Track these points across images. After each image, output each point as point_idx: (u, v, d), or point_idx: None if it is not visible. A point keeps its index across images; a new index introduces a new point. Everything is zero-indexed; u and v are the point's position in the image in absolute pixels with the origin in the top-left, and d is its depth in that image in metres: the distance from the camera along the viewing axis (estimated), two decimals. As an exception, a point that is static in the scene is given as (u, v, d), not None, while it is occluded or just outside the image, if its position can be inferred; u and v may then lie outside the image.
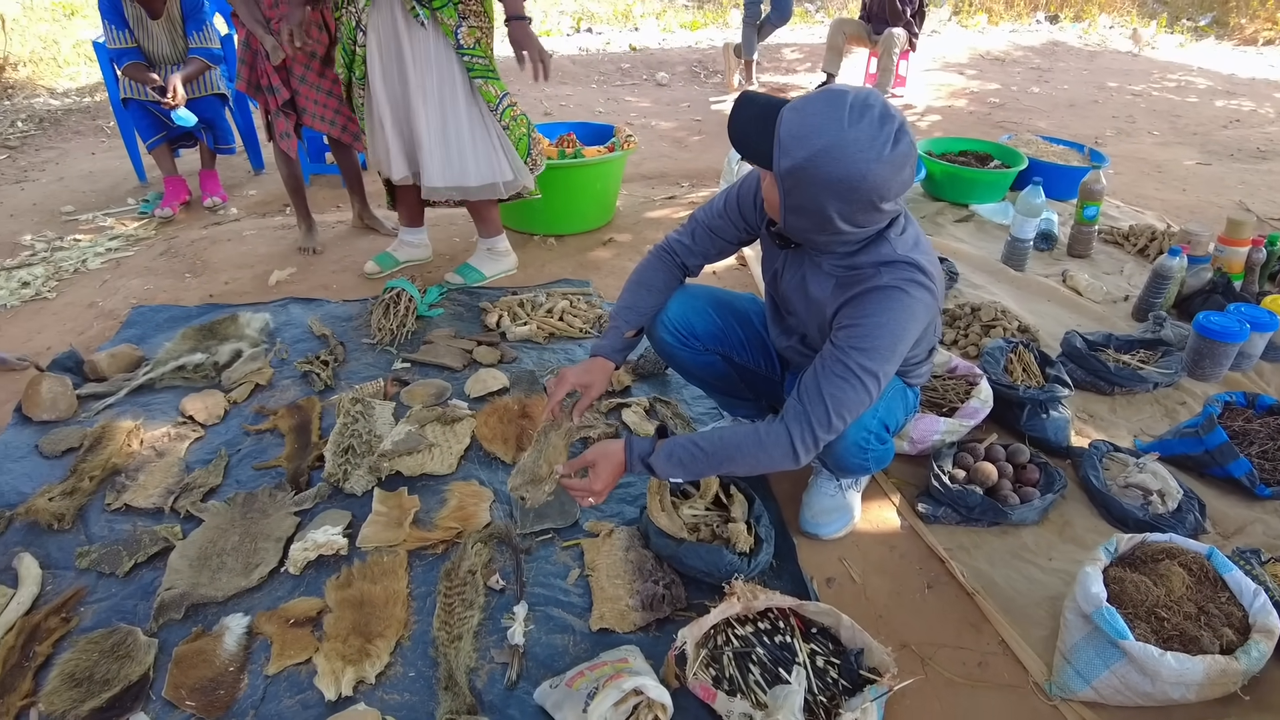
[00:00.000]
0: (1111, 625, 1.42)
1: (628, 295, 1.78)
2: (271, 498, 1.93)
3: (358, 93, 2.64)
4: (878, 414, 1.61)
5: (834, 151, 1.28)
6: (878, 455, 1.68)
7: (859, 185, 1.30)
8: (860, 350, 1.38)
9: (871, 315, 1.39)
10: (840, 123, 1.27)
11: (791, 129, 1.31)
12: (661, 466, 1.51)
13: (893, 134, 1.29)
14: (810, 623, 1.56)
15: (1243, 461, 1.91)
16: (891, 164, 1.29)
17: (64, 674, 1.49)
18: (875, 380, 1.39)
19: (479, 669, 1.53)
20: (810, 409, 1.41)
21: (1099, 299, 2.90)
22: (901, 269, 1.40)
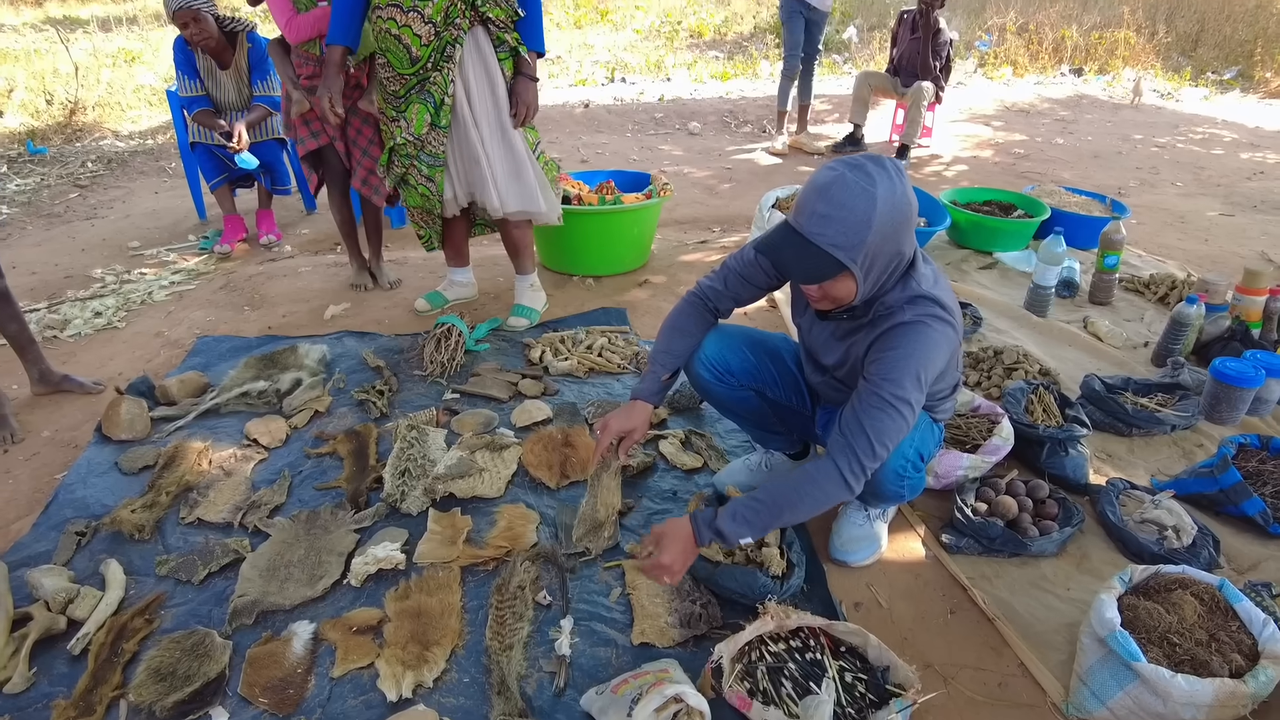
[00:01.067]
0: (1125, 648, 1.50)
1: (664, 340, 1.88)
2: (333, 515, 2.07)
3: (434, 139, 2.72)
4: (914, 443, 1.73)
5: (885, 212, 1.44)
6: (913, 483, 1.79)
7: (910, 213, 1.50)
8: (892, 381, 1.51)
9: (899, 348, 1.53)
10: (866, 194, 1.42)
11: (841, 231, 1.44)
12: (729, 528, 1.57)
13: (893, 165, 1.48)
14: (839, 642, 1.66)
15: (1256, 500, 1.99)
16: (907, 182, 1.49)
17: (150, 669, 1.62)
18: (910, 407, 1.51)
19: (529, 676, 1.64)
20: (854, 441, 1.52)
21: (1119, 345, 2.99)
22: (923, 305, 1.54)
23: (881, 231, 1.45)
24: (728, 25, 11.99)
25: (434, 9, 2.51)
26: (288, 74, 3.03)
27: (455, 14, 2.53)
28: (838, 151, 6.01)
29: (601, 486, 1.81)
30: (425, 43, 2.55)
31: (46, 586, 1.79)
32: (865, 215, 1.43)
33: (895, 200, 1.45)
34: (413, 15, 2.52)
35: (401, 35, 2.55)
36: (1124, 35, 9.53)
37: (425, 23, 2.52)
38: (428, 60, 2.58)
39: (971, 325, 3.02)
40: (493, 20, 2.59)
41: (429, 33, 2.54)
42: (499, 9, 2.58)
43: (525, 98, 2.72)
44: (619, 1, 12.82)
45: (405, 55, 2.58)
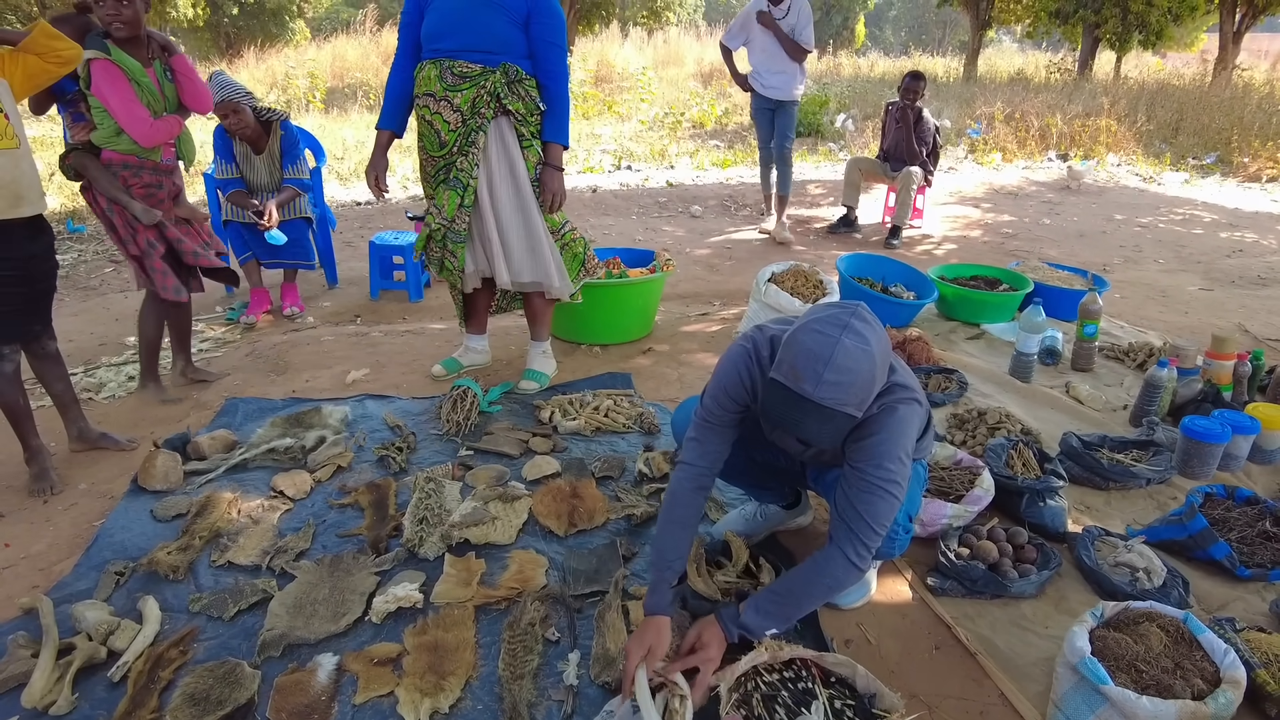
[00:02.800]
0: (1094, 673, 1.62)
1: (663, 537, 1.85)
2: (355, 559, 2.21)
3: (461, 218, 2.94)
4: (904, 509, 1.88)
5: (879, 364, 1.57)
6: (902, 543, 1.96)
7: (889, 353, 1.64)
8: (876, 466, 1.65)
9: (876, 434, 1.67)
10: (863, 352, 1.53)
11: (855, 394, 1.54)
12: (754, 622, 1.73)
13: (870, 314, 1.60)
14: (829, 672, 1.77)
15: (1222, 545, 2.12)
16: (879, 324, 1.62)
17: (185, 695, 1.74)
18: (898, 486, 1.66)
19: (538, 704, 1.75)
20: (854, 526, 1.67)
21: (1099, 408, 3.15)
22: (889, 394, 1.69)
23: (880, 379, 1.60)
24: (728, 116, 12.62)
25: (463, 99, 2.81)
26: (115, 185, 2.96)
27: (481, 104, 2.81)
28: (832, 232, 6.31)
29: (607, 626, 1.93)
30: (453, 128, 2.84)
31: (89, 619, 1.92)
32: (871, 374, 1.55)
33: (884, 348, 1.60)
34: (444, 104, 2.82)
35: (433, 121, 2.85)
36: (1105, 123, 10.00)
37: (454, 111, 2.82)
38: (454, 145, 2.86)
39: (957, 389, 3.19)
40: (513, 112, 2.86)
41: (457, 120, 2.83)
42: (520, 103, 2.85)
43: (551, 186, 2.97)
44: (625, 95, 13.51)
45: (436, 139, 2.88)
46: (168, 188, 3.11)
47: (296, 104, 12.26)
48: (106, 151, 2.95)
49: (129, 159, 2.98)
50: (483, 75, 2.80)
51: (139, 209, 2.99)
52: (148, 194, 3.04)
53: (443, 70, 2.82)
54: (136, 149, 2.96)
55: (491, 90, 2.80)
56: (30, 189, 2.47)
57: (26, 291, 2.57)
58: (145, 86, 2.89)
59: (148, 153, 3.00)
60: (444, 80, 2.82)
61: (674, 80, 15.55)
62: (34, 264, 2.57)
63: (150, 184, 3.05)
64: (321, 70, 14.75)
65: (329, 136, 9.82)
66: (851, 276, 4.10)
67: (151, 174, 3.04)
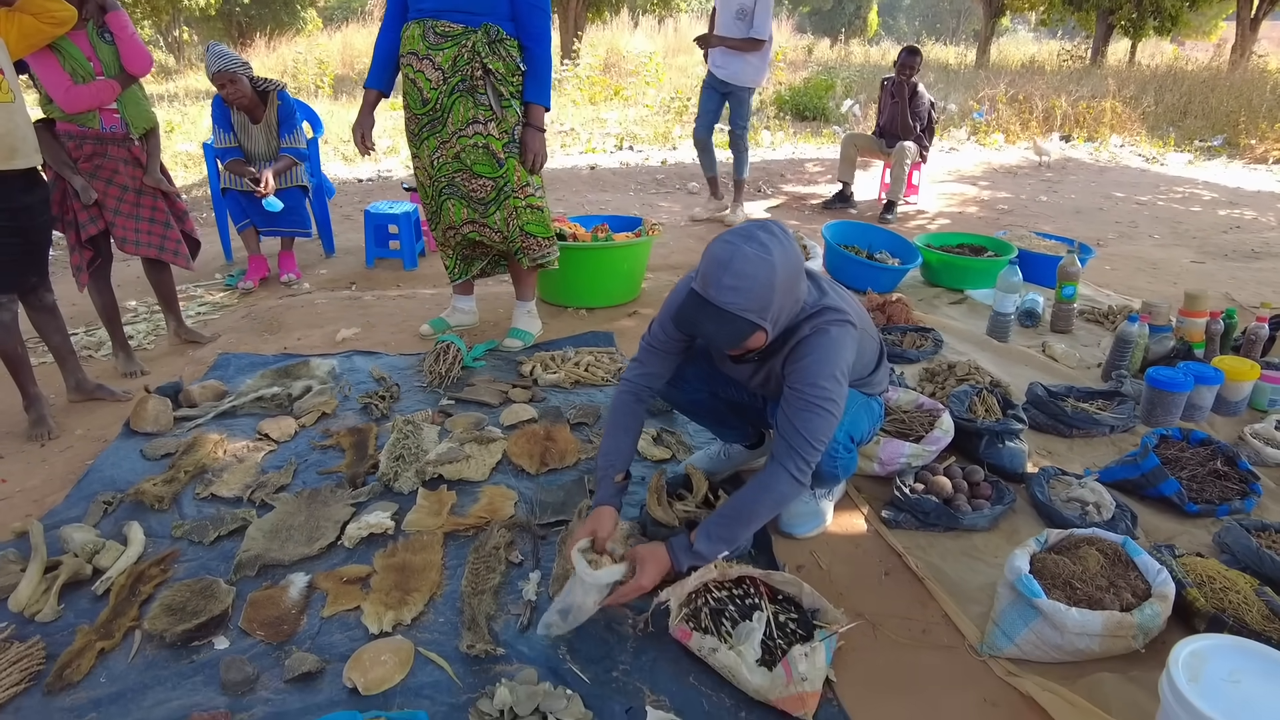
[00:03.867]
0: (1029, 588, 1.68)
1: (607, 442, 1.99)
2: (332, 492, 2.30)
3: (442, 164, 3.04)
4: (843, 427, 1.94)
5: (781, 276, 1.66)
6: (844, 463, 2.01)
7: (799, 269, 1.73)
8: (811, 385, 1.73)
9: (808, 356, 1.76)
10: (763, 261, 1.64)
11: (747, 299, 1.64)
12: (705, 547, 1.79)
13: (779, 229, 1.70)
14: (776, 590, 1.84)
15: (1172, 482, 2.17)
16: (793, 241, 1.72)
17: (163, 605, 1.83)
18: (833, 403, 1.74)
19: (497, 617, 1.83)
20: (793, 443, 1.75)
21: (1073, 365, 3.20)
22: (819, 317, 1.78)
23: (782, 289, 1.68)
24: (735, 100, 12.61)
25: (444, 58, 2.87)
26: (62, 159, 3.00)
27: (462, 63, 2.87)
28: (828, 208, 6.34)
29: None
30: (434, 86, 2.91)
31: (76, 540, 2.02)
32: (768, 282, 1.64)
33: (789, 260, 1.68)
34: (425, 63, 2.89)
35: (416, 80, 2.92)
36: (1110, 105, 9.95)
37: (435, 69, 2.89)
38: (435, 102, 2.93)
39: (933, 347, 3.25)
40: (494, 72, 2.91)
41: (439, 78, 2.90)
42: (500, 63, 2.90)
43: (533, 146, 3.02)
44: (631, 79, 13.53)
45: (419, 97, 2.95)
46: (119, 157, 3.12)
47: (306, 90, 12.37)
48: (60, 123, 3.02)
49: (70, 128, 3.02)
50: (464, 35, 2.85)
51: (79, 184, 3.02)
52: (93, 165, 3.07)
53: (425, 30, 2.88)
54: (76, 118, 3.00)
55: (473, 49, 2.85)
56: (24, 142, 2.56)
57: (21, 242, 2.66)
58: (67, 51, 2.90)
59: (86, 120, 3.02)
60: (426, 39, 2.88)
61: (684, 68, 15.54)
62: (28, 215, 2.66)
63: (94, 154, 3.07)
64: (331, 58, 14.87)
65: (337, 121, 9.92)
66: (837, 243, 4.15)
67: (94, 144, 3.06)
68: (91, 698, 1.61)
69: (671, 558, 1.81)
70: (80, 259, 3.17)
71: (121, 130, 3.12)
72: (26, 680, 1.64)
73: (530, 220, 3.12)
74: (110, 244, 3.25)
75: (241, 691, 1.63)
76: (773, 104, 11.72)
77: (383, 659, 1.67)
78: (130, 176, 3.17)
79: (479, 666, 1.69)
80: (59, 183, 3.07)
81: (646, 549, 1.83)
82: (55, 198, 3.08)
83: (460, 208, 3.08)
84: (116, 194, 3.15)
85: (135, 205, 3.20)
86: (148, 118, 3.23)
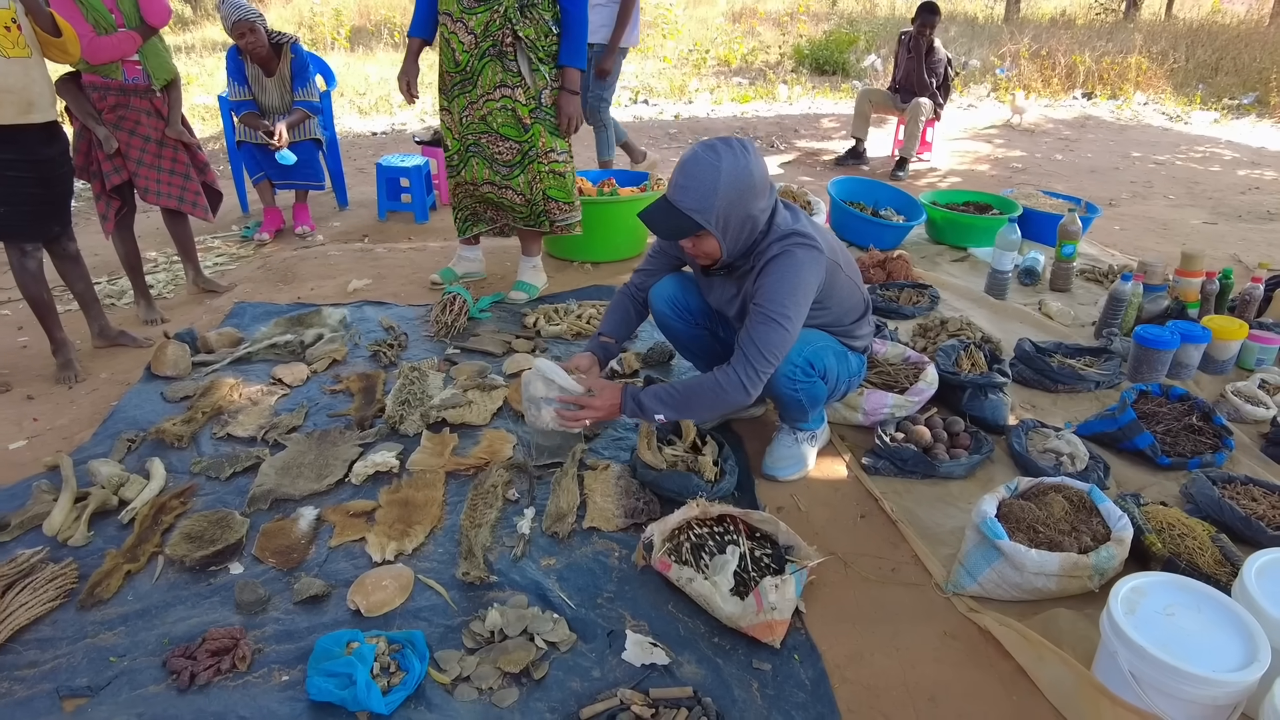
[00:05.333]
0: (992, 530, 1.77)
1: (604, 321, 2.35)
2: (341, 434, 2.42)
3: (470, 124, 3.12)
4: (803, 353, 2.02)
5: (729, 180, 1.81)
6: (807, 389, 2.07)
7: (753, 182, 1.84)
8: (770, 300, 1.87)
9: (771, 275, 1.89)
10: (714, 166, 1.81)
11: (694, 197, 1.84)
12: (648, 404, 1.99)
13: (740, 143, 1.84)
14: (754, 529, 1.94)
15: (1146, 435, 2.24)
16: (754, 156, 1.85)
17: (183, 533, 1.97)
18: (788, 320, 1.87)
19: (493, 548, 1.95)
20: (748, 353, 1.89)
21: (1068, 323, 3.25)
22: (787, 239, 1.90)
23: (728, 197, 1.82)
24: (754, 54, 12.44)
25: (476, 22, 2.92)
26: (86, 109, 3.11)
27: (494, 28, 2.91)
28: (840, 164, 6.33)
29: (562, 489, 2.13)
30: (467, 50, 2.96)
31: (103, 473, 2.16)
32: (712, 184, 1.80)
33: (738, 172, 1.81)
34: (459, 25, 2.94)
35: (450, 40, 2.99)
36: (1135, 60, 9.73)
37: (469, 33, 2.94)
38: (467, 65, 2.99)
39: (929, 303, 3.30)
40: (524, 38, 2.91)
41: (471, 42, 2.95)
42: (532, 29, 2.92)
43: (566, 110, 3.06)
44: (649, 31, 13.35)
45: (451, 58, 3.02)
46: (141, 108, 3.21)
47: (322, 42, 12.33)
48: (85, 75, 3.11)
49: (94, 80, 3.13)
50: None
51: (102, 134, 3.12)
52: (116, 116, 3.17)
53: None
54: (100, 69, 3.09)
55: (504, 14, 2.88)
56: (41, 97, 2.64)
57: (44, 193, 2.77)
58: (89, 3, 2.99)
59: (109, 71, 3.11)
60: (461, 2, 2.93)
61: (704, 19, 15.29)
62: (49, 166, 2.76)
63: (117, 105, 3.17)
64: (348, 8, 14.76)
65: (353, 73, 9.92)
66: (842, 200, 4.18)
67: (117, 95, 3.16)
68: (120, 613, 1.76)
69: (622, 399, 2.02)
70: (106, 207, 3.28)
71: (144, 81, 3.21)
72: (61, 597, 1.79)
73: (553, 185, 3.20)
74: (134, 194, 3.35)
75: (254, 611, 1.77)
76: (791, 58, 11.55)
77: (384, 584, 1.80)
78: (152, 128, 3.26)
79: (473, 592, 1.82)
80: (85, 133, 3.17)
81: (605, 383, 2.09)
82: (81, 148, 3.19)
83: (483, 167, 3.16)
84: (139, 145, 3.25)
85: (157, 156, 3.30)
86: (169, 69, 3.31)
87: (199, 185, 3.43)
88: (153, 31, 3.18)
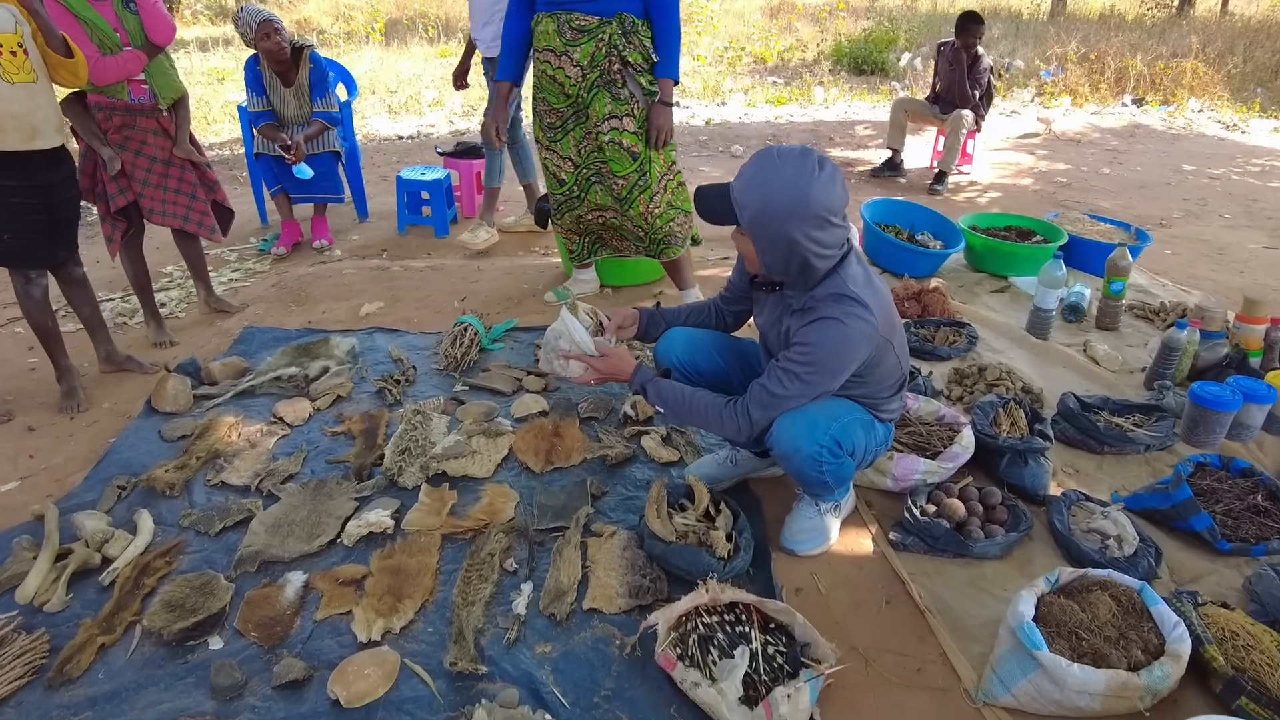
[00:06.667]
0: (1029, 638, 1.60)
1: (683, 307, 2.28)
2: (338, 485, 2.31)
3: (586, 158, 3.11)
4: (830, 430, 1.84)
5: (778, 188, 1.67)
6: (834, 470, 1.89)
7: (806, 203, 1.67)
8: (803, 360, 1.76)
9: (816, 333, 1.75)
10: (774, 169, 1.69)
11: (741, 189, 1.73)
12: (651, 395, 1.97)
13: (815, 161, 1.69)
14: (769, 619, 1.79)
15: (1204, 516, 2.04)
16: (823, 182, 1.68)
17: (164, 601, 1.87)
18: (811, 385, 1.78)
19: (485, 630, 1.83)
20: (759, 396, 1.83)
21: (1115, 369, 3.03)
22: (846, 304, 1.73)
23: (770, 207, 1.69)
24: (791, 52, 12.17)
25: (581, 53, 2.88)
26: (92, 130, 3.03)
27: (600, 57, 2.87)
28: (875, 176, 6.10)
29: (564, 560, 2.01)
30: (575, 82, 2.93)
31: (87, 528, 2.07)
32: (763, 184, 1.69)
33: (796, 187, 1.66)
34: (564, 59, 2.91)
35: (556, 76, 2.95)
36: (1191, 65, 9.31)
37: (575, 66, 2.90)
38: (578, 96, 2.95)
39: (966, 344, 3.11)
40: (631, 64, 2.88)
41: (578, 74, 2.91)
42: (636, 53, 2.88)
43: (657, 121, 2.98)
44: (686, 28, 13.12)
45: (560, 92, 2.98)
46: (147, 128, 3.13)
47: (356, 36, 12.30)
48: (90, 95, 3.02)
49: (100, 100, 3.04)
50: (599, 28, 2.85)
51: (106, 155, 3.04)
52: (122, 136, 3.09)
53: (560, 24, 2.89)
54: (105, 90, 3.00)
55: (609, 42, 2.85)
56: (46, 122, 2.56)
57: (49, 219, 2.70)
58: (92, 22, 2.89)
59: (115, 92, 3.03)
60: (562, 35, 2.89)
61: (740, 14, 15.02)
62: (55, 192, 2.68)
63: (123, 125, 3.08)
64: (385, 1, 14.72)
65: (386, 69, 9.85)
66: (876, 223, 3.99)
67: (123, 115, 3.07)
68: (89, 695, 1.66)
69: (633, 374, 2.01)
70: (112, 229, 3.21)
71: (150, 101, 3.12)
72: (30, 674, 1.69)
73: (672, 217, 3.18)
74: (140, 215, 3.27)
75: (229, 697, 1.66)
76: (829, 58, 11.27)
77: (366, 672, 1.68)
78: (159, 147, 3.17)
79: (462, 683, 1.69)
80: (90, 154, 3.10)
81: (624, 352, 2.07)
82: (86, 169, 3.11)
83: (605, 195, 3.14)
84: (145, 165, 3.16)
85: (164, 176, 3.21)
86: (176, 88, 3.22)
87: (206, 205, 3.35)
88: (158, 50, 3.09)
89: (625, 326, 2.19)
